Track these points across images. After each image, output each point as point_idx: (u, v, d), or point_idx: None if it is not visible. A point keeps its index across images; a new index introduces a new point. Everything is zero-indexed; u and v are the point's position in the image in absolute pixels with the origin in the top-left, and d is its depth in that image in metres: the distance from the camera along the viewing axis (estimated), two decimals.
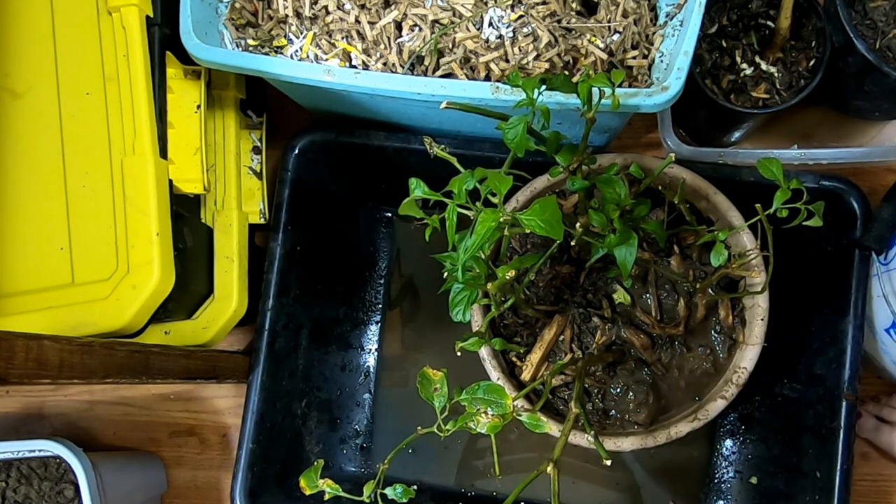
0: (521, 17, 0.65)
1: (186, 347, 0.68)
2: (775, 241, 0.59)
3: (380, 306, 0.86)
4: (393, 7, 0.66)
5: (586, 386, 0.69)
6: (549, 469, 0.48)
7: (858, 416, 0.76)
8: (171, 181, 0.65)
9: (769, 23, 0.74)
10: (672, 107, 0.66)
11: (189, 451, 0.85)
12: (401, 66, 0.66)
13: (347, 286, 0.85)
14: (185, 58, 0.65)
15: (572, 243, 0.60)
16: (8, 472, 0.72)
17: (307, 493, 0.50)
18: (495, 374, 0.66)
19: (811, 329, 0.74)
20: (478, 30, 0.65)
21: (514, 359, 0.69)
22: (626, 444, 0.65)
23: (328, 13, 0.67)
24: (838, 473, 0.68)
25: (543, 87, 0.51)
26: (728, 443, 0.80)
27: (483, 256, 0.55)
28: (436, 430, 0.49)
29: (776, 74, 0.72)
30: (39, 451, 0.70)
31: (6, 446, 0.70)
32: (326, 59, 0.67)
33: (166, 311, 0.66)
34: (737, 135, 0.79)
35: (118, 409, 0.86)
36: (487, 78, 0.66)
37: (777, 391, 0.77)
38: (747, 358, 0.66)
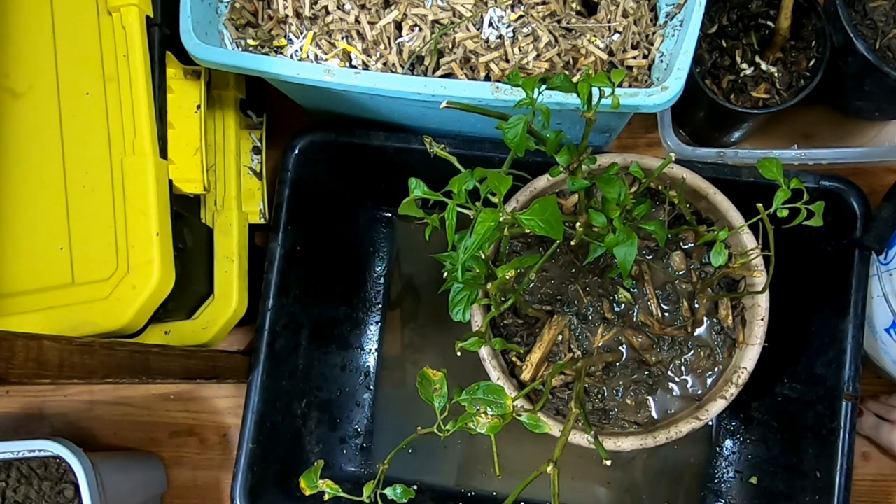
0: (521, 17, 0.65)
1: (186, 347, 0.68)
2: (775, 240, 0.59)
3: (380, 306, 0.86)
4: (393, 7, 0.66)
5: (586, 386, 0.69)
6: (549, 469, 0.48)
7: (860, 414, 0.76)
8: (171, 181, 0.65)
9: (769, 23, 0.74)
10: (672, 107, 0.66)
11: (189, 451, 0.85)
12: (401, 66, 0.66)
13: (347, 286, 0.85)
14: (185, 58, 0.65)
15: (572, 243, 0.60)
16: (8, 472, 0.72)
17: (307, 493, 0.50)
18: (495, 374, 0.66)
19: (811, 329, 0.74)
20: (478, 30, 0.65)
21: (514, 359, 0.69)
22: (626, 444, 0.65)
23: (328, 13, 0.67)
24: (838, 473, 0.68)
25: (543, 86, 0.51)
26: (728, 443, 0.80)
27: (483, 256, 0.55)
28: (436, 431, 0.49)
29: (776, 74, 0.72)
30: (39, 451, 0.70)
31: (6, 446, 0.70)
32: (326, 59, 0.67)
33: (166, 311, 0.66)
34: (737, 135, 0.79)
35: (118, 409, 0.86)
36: (487, 78, 0.66)
37: (777, 391, 0.77)
38: (747, 358, 0.66)
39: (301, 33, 0.68)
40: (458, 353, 0.56)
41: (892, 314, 0.68)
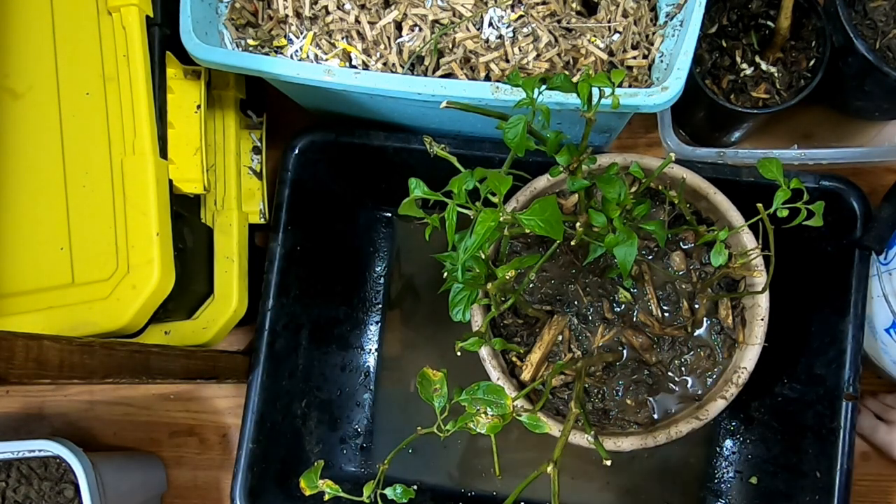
0: (521, 17, 0.65)
1: (186, 347, 0.68)
2: (775, 240, 0.59)
3: (380, 306, 0.86)
4: (393, 7, 0.66)
5: (586, 386, 0.69)
6: (549, 469, 0.48)
7: (858, 413, 0.76)
8: (171, 181, 0.65)
9: (769, 23, 0.74)
10: (672, 107, 0.66)
11: (189, 451, 0.85)
12: (401, 66, 0.66)
13: (347, 286, 0.85)
14: (185, 58, 0.65)
15: (572, 243, 0.60)
16: (8, 472, 0.72)
17: (307, 493, 0.50)
18: (495, 374, 0.66)
19: (811, 329, 0.74)
20: (478, 30, 0.65)
21: (514, 359, 0.69)
22: (626, 444, 0.65)
23: (328, 13, 0.67)
24: (838, 473, 0.68)
25: (543, 86, 0.51)
26: (728, 443, 0.80)
27: (483, 256, 0.55)
28: (436, 431, 0.49)
29: (776, 74, 0.72)
30: (39, 451, 0.70)
31: (6, 446, 0.70)
32: (326, 59, 0.67)
33: (166, 311, 0.66)
34: (737, 135, 0.79)
35: (118, 409, 0.86)
36: (487, 78, 0.66)
37: (777, 391, 0.77)
38: (747, 358, 0.66)
39: (301, 33, 0.68)
40: (458, 353, 0.56)
41: (892, 314, 0.68)
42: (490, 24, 0.65)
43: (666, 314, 0.69)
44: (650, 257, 0.70)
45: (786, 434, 0.76)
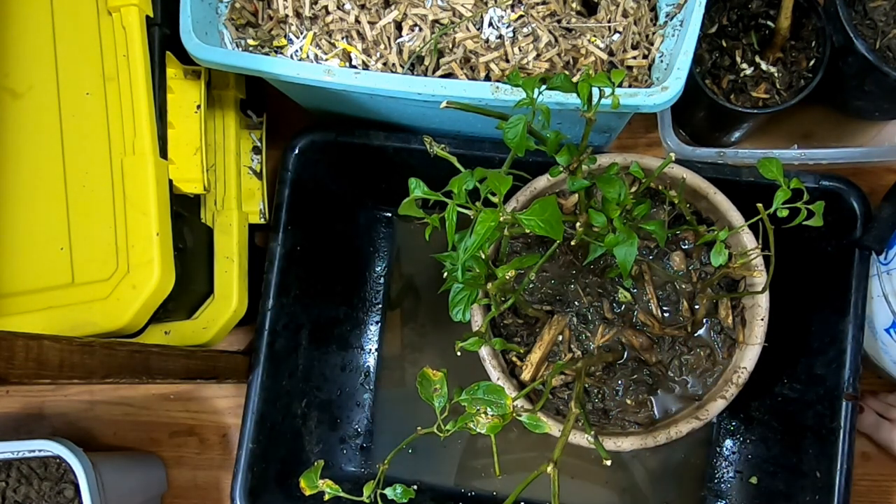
0: (521, 17, 0.65)
1: (186, 347, 0.68)
2: (775, 240, 0.59)
3: (380, 306, 0.86)
4: (393, 7, 0.66)
5: (586, 386, 0.69)
6: (549, 469, 0.48)
7: (860, 412, 0.76)
8: (171, 181, 0.65)
9: (769, 23, 0.74)
10: (672, 107, 0.66)
11: (189, 451, 0.85)
12: (401, 66, 0.66)
13: (347, 286, 0.85)
14: (185, 58, 0.65)
15: (572, 243, 0.60)
16: (8, 472, 0.72)
17: (307, 493, 0.50)
18: (495, 374, 0.66)
19: (811, 329, 0.74)
20: (478, 30, 0.65)
21: (514, 359, 0.69)
22: (626, 444, 0.65)
23: (328, 13, 0.67)
24: (838, 473, 0.68)
25: (543, 86, 0.51)
26: (728, 443, 0.80)
27: (483, 256, 0.55)
28: (436, 431, 0.49)
29: (776, 74, 0.72)
30: (39, 451, 0.70)
31: (6, 446, 0.70)
32: (326, 59, 0.67)
33: (166, 311, 0.66)
34: (737, 135, 0.79)
35: (118, 409, 0.86)
36: (487, 78, 0.66)
37: (777, 391, 0.77)
38: (747, 358, 0.66)
39: (301, 33, 0.68)
40: (458, 353, 0.56)
41: (892, 314, 0.68)
42: (490, 24, 0.65)
43: (666, 314, 0.69)
44: (650, 257, 0.70)
45: (786, 434, 0.76)
